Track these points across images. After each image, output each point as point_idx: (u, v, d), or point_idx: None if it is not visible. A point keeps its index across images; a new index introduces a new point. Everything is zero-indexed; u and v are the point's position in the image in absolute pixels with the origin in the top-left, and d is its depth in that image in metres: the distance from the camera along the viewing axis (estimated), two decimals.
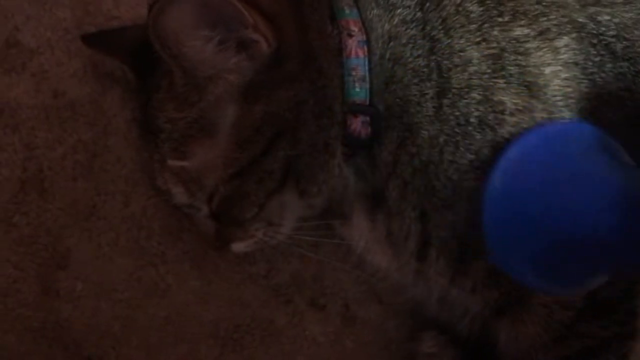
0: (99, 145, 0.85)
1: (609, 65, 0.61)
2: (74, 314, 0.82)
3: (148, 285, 0.82)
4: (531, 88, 0.60)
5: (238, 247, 0.69)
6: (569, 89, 0.60)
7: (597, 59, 0.61)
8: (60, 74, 0.87)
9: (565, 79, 0.60)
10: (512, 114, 0.59)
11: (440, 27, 0.61)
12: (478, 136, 0.60)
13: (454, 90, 0.60)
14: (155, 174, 0.68)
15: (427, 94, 0.60)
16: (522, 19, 0.60)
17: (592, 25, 0.61)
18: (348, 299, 0.81)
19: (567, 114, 0.60)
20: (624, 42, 0.61)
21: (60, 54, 0.87)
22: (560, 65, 0.60)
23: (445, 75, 0.60)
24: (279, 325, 0.81)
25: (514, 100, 0.59)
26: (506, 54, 0.60)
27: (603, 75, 0.61)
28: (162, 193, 0.68)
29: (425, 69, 0.61)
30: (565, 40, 0.60)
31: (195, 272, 0.83)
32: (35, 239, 0.83)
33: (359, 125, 0.63)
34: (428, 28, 0.61)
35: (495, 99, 0.59)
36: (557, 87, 0.60)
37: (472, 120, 0.60)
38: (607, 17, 0.61)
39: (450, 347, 0.74)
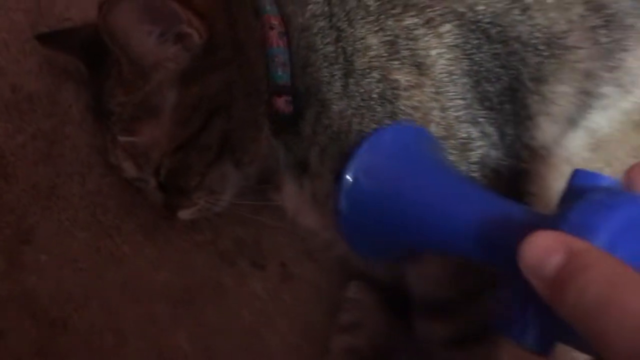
0: (57, 133, 0.93)
1: (486, 47, 0.70)
2: (39, 283, 0.89)
3: (106, 255, 0.89)
4: (420, 67, 0.68)
5: (184, 214, 0.77)
6: (452, 67, 0.69)
7: (475, 42, 0.70)
8: (17, 71, 0.94)
9: (449, 59, 0.69)
10: (406, 89, 0.68)
11: (344, 19, 0.70)
12: (379, 109, 0.68)
13: (357, 71, 0.69)
14: (108, 153, 0.76)
15: (335, 75, 0.69)
16: (412, 11, 0.69)
17: (470, 13, 0.70)
18: (285, 259, 0.89)
19: (451, 88, 0.69)
20: (498, 28, 0.71)
21: (16, 53, 0.95)
22: (444, 48, 0.69)
23: (349, 59, 0.69)
24: (225, 285, 0.88)
25: (406, 78, 0.68)
26: (399, 40, 0.69)
27: (481, 55, 0.70)
28: (115, 169, 0.77)
29: (333, 54, 0.70)
30: (447, 27, 0.69)
31: (148, 241, 0.90)
32: (1, 218, 0.90)
33: (282, 104, 0.72)
34: (334, 20, 0.70)
35: (392, 77, 0.68)
36: (442, 66, 0.69)
37: (373, 95, 0.68)
38: (483, 7, 0.71)
39: (372, 292, 0.82)
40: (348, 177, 0.61)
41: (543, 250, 0.36)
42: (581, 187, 0.42)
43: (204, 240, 0.90)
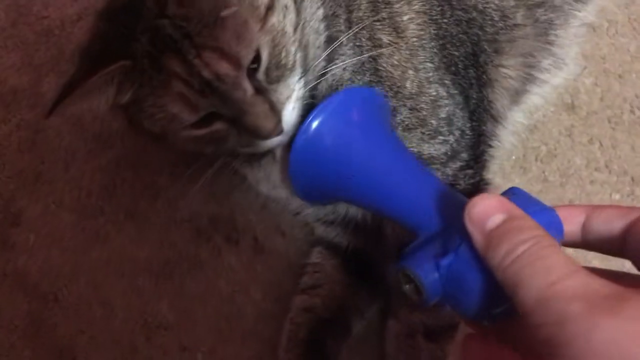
0: (40, 123, 0.98)
1: (449, 13, 0.78)
2: (29, 261, 0.94)
3: (90, 234, 0.95)
4: (397, 30, 0.75)
5: (288, 110, 0.66)
6: (422, 32, 0.75)
7: (439, 8, 0.77)
8: (0, 65, 1.00)
9: (418, 24, 0.75)
10: (387, 48, 0.74)
11: None
12: (367, 65, 0.74)
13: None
14: (195, 72, 0.62)
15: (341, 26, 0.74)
16: None
17: None
18: (257, 233, 0.94)
19: (421, 52, 0.75)
20: None
21: None
22: (413, 13, 0.76)
23: (349, 11, 0.75)
24: (202, 259, 0.94)
25: (388, 38, 0.74)
26: (379, 3, 0.75)
27: (445, 20, 0.77)
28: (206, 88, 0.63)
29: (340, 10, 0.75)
30: None
31: (129, 221, 0.95)
32: None
33: None
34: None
35: (376, 36, 0.74)
36: (413, 30, 0.75)
37: (364, 52, 0.73)
38: None
39: (332, 258, 0.88)
40: (312, 120, 0.63)
41: (489, 208, 0.43)
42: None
43: (182, 218, 0.96)
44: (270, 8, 0.63)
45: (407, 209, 0.54)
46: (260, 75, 0.63)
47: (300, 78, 0.67)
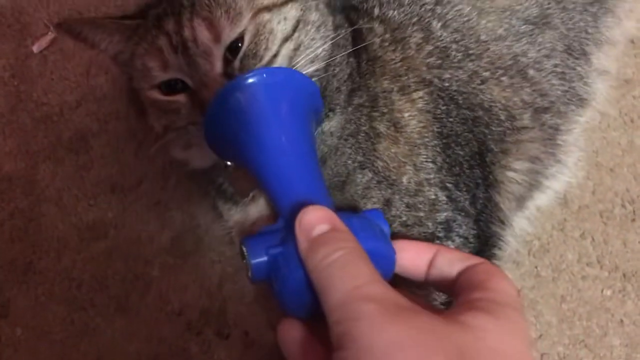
0: (34, 211, 0.97)
1: (454, 112, 0.76)
2: (15, 356, 0.91)
3: (80, 327, 0.92)
4: (396, 125, 0.74)
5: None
6: (424, 130, 0.74)
7: (444, 107, 0.76)
8: None
9: (420, 121, 0.74)
10: (384, 139, 0.73)
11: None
12: (363, 144, 0.72)
13: (352, 105, 0.74)
14: (181, 29, 0.66)
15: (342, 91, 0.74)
16: (387, 76, 0.75)
17: (437, 81, 0.76)
18: (248, 328, 0.92)
19: (423, 150, 0.73)
20: (463, 95, 0.77)
21: None
22: (416, 111, 0.74)
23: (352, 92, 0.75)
24: (192, 353, 0.92)
25: (386, 130, 0.73)
26: (379, 99, 0.74)
27: (450, 119, 0.76)
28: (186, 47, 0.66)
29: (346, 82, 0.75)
30: (420, 93, 0.75)
31: (119, 313, 0.93)
32: None
33: None
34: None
35: (374, 124, 0.73)
36: (414, 127, 0.74)
37: (361, 129, 0.73)
38: (449, 76, 0.77)
39: None
40: (248, 79, 0.60)
41: (317, 218, 0.48)
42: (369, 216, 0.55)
43: (172, 311, 0.94)
44: (267, 8, 0.68)
45: (280, 192, 0.57)
46: (236, 62, 0.66)
47: None
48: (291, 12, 0.69)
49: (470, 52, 0.79)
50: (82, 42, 0.72)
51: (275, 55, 0.67)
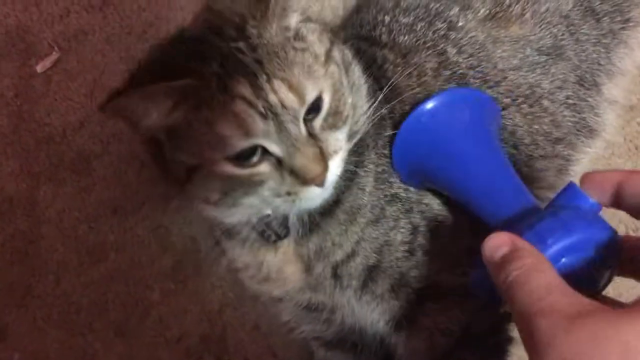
0: (34, 233, 0.95)
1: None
2: None
3: (78, 353, 0.91)
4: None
5: (334, 165, 0.63)
6: None
7: None
8: None
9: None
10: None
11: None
12: (393, 186, 0.72)
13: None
14: (265, 94, 0.59)
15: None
16: (407, 104, 0.74)
17: None
18: (248, 354, 0.91)
19: None
20: None
21: None
22: None
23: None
24: None
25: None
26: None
27: None
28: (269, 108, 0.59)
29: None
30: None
31: (119, 338, 0.91)
32: None
33: None
34: None
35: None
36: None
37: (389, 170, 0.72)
38: None
39: None
40: (428, 105, 0.67)
41: (497, 244, 0.52)
42: (565, 201, 0.57)
43: (172, 337, 0.93)
44: (328, 57, 0.63)
45: (491, 206, 0.63)
46: (318, 120, 0.61)
47: (347, 139, 0.65)
48: (337, 56, 0.65)
49: (488, 78, 0.78)
50: (128, 120, 0.60)
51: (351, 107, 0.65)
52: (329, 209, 0.69)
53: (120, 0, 1.05)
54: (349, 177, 0.69)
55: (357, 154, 0.69)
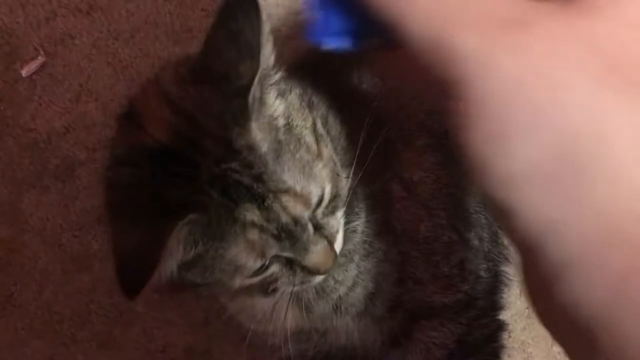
0: (16, 241, 0.92)
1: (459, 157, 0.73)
2: None
3: None
4: (407, 188, 0.71)
5: (339, 243, 0.62)
6: (433, 185, 0.72)
7: (449, 154, 0.73)
8: None
9: (429, 181, 0.73)
10: (398, 202, 0.71)
11: None
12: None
13: None
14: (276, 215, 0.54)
15: None
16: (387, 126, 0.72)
17: (437, 126, 0.74)
18: None
19: (434, 201, 0.72)
20: None
21: None
22: (423, 171, 0.73)
23: None
24: None
25: (399, 194, 0.71)
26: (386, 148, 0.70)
27: (455, 166, 0.74)
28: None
29: None
30: (423, 140, 0.73)
31: (101, 350, 0.89)
32: None
33: None
34: None
35: (387, 187, 0.71)
36: (424, 187, 0.72)
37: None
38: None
39: None
40: None
41: None
42: None
43: (155, 349, 0.90)
44: (317, 140, 0.58)
45: None
46: (320, 211, 0.58)
47: (342, 208, 0.62)
48: (319, 124, 0.61)
49: None
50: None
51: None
52: None
53: (108, 4, 1.02)
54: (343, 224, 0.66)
55: (348, 208, 0.64)
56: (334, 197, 0.59)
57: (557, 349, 0.90)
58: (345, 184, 0.62)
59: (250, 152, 0.51)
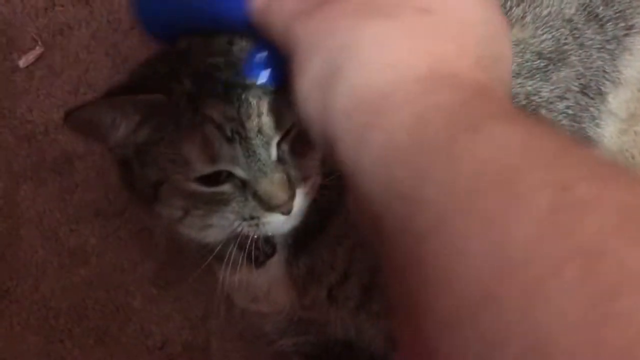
0: (12, 235, 0.90)
1: None
2: None
3: (57, 359, 0.86)
4: None
5: (301, 195, 0.59)
6: None
7: None
8: None
9: None
10: None
11: None
12: None
13: None
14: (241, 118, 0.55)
15: None
16: None
17: None
18: None
19: None
20: None
21: None
22: None
23: None
24: None
25: None
26: None
27: None
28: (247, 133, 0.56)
29: None
30: None
31: (99, 346, 0.87)
32: None
33: None
34: None
35: None
36: None
37: None
38: None
39: None
40: None
41: None
42: None
43: (154, 345, 0.88)
44: None
45: None
46: (285, 143, 0.56)
47: (319, 169, 0.59)
48: None
49: None
50: (92, 134, 0.58)
51: None
52: (313, 231, 0.65)
53: None
54: (335, 198, 0.63)
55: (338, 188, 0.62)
56: (304, 137, 0.55)
57: None
58: None
59: (239, 57, 0.54)
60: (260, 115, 0.54)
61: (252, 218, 0.57)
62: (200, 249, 0.68)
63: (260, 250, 0.65)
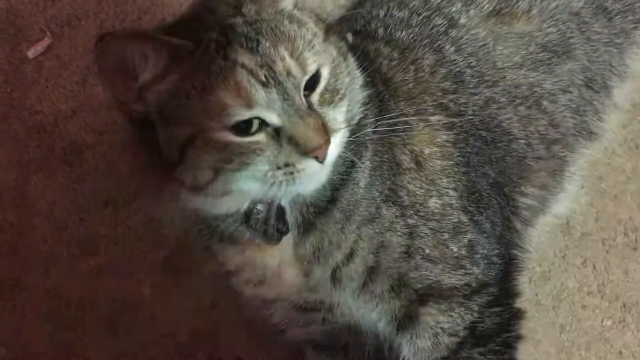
0: (24, 224, 0.91)
1: (472, 138, 0.73)
2: None
3: (67, 348, 0.87)
4: (417, 160, 0.69)
5: (335, 143, 0.60)
6: (444, 162, 0.71)
7: (463, 135, 0.73)
8: None
9: (440, 156, 0.71)
10: (407, 173, 0.69)
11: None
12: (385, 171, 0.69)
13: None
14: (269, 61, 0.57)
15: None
16: (401, 98, 0.72)
17: (453, 106, 0.73)
18: (240, 351, 0.88)
19: (444, 179, 0.71)
20: (481, 119, 0.74)
21: None
22: (435, 146, 0.71)
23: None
24: None
25: (408, 165, 0.69)
26: (398, 123, 0.68)
27: (469, 148, 0.73)
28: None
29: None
30: (437, 117, 0.72)
31: (110, 334, 0.88)
32: None
33: None
34: None
35: (396, 155, 0.69)
36: (435, 162, 0.70)
37: (384, 167, 0.69)
38: (464, 101, 0.74)
39: None
40: None
41: None
42: None
43: (163, 333, 0.88)
44: (327, 37, 0.62)
45: None
46: (315, 95, 0.59)
47: (345, 122, 0.61)
48: (334, 41, 0.63)
49: (486, 78, 0.75)
50: (120, 69, 0.56)
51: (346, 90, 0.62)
52: (324, 207, 0.66)
53: None
54: (345, 172, 0.66)
55: (355, 145, 0.66)
56: (333, 89, 0.60)
57: (565, 336, 0.89)
58: (358, 100, 0.64)
59: (256, 16, 0.58)
60: (284, 59, 0.56)
61: (286, 165, 0.58)
62: (205, 229, 0.69)
63: (273, 227, 0.66)
